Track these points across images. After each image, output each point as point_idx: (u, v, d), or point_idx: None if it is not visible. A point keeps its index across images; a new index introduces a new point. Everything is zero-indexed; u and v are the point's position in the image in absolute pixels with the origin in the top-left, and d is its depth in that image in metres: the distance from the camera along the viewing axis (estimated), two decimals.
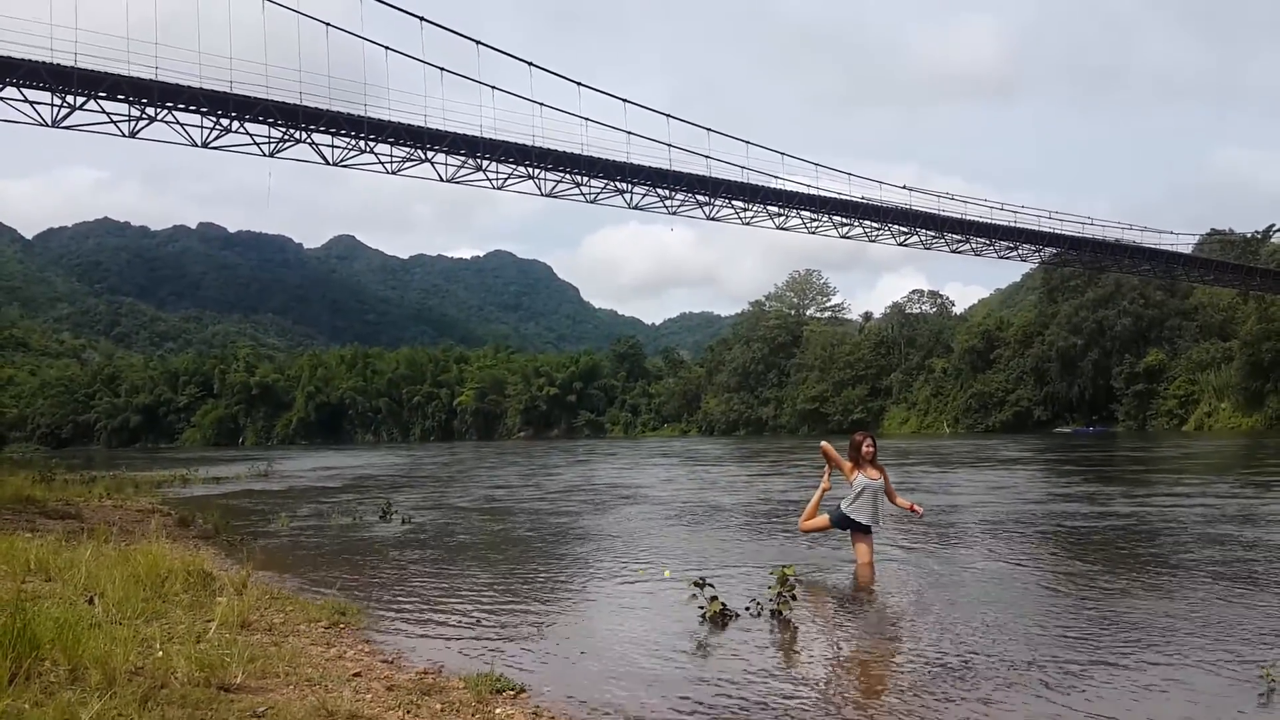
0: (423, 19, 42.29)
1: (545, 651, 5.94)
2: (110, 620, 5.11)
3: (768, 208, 54.78)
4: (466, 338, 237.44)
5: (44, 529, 10.22)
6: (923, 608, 7.03)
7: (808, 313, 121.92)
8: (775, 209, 55.00)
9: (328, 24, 41.20)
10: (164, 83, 39.11)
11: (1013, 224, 61.11)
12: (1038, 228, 61.97)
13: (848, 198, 55.43)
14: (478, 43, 44.04)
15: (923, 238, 59.69)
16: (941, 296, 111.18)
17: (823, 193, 54.67)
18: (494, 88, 45.23)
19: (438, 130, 44.46)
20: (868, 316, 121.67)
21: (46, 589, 6.05)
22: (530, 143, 46.23)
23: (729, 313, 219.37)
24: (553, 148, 46.93)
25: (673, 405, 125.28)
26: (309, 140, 43.01)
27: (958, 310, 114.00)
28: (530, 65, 45.11)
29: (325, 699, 4.14)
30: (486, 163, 46.79)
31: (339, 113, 42.51)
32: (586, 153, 47.67)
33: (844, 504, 8.65)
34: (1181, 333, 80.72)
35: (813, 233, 57.11)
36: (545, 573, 9.30)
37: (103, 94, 39.14)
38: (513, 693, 4.76)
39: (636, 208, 51.98)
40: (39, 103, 38.54)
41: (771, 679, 5.18)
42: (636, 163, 49.19)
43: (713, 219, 53.97)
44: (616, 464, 35.26)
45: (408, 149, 45.21)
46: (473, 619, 6.91)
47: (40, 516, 11.99)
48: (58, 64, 37.55)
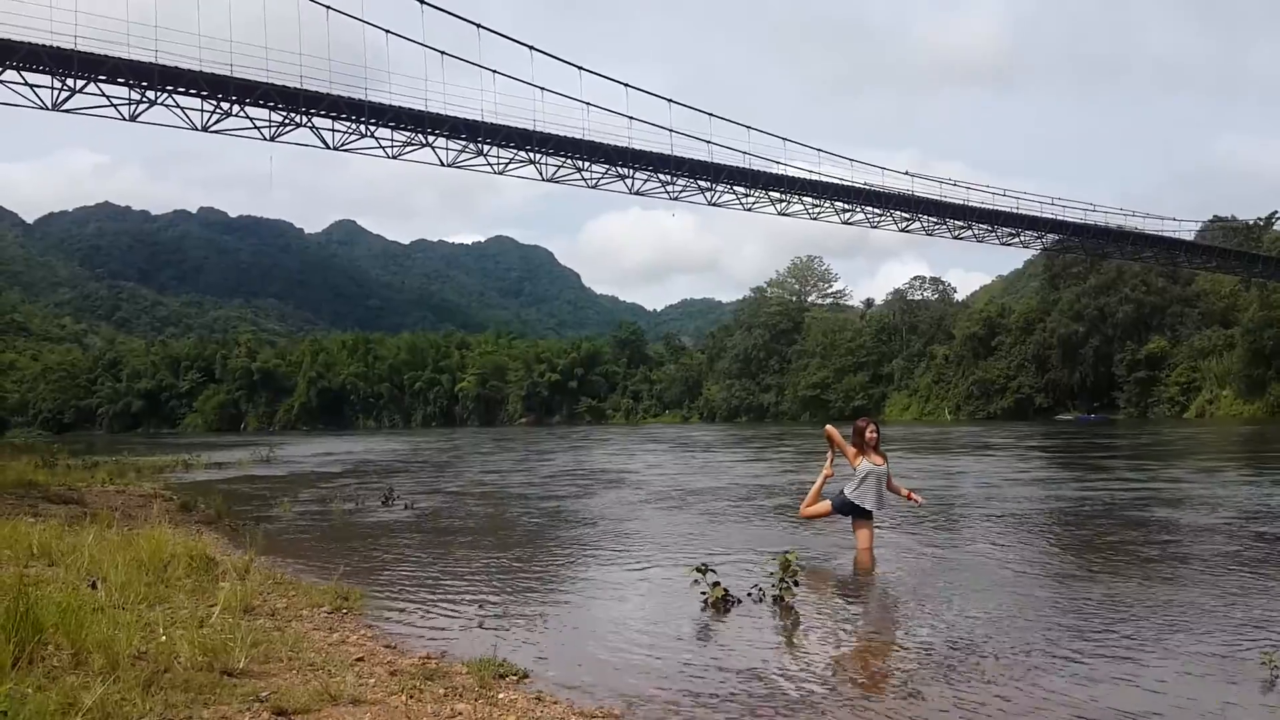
0: (424, 2, 42.09)
1: (548, 637, 5.94)
2: (113, 605, 5.11)
3: (769, 193, 54.62)
4: (468, 323, 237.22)
5: (47, 514, 10.22)
6: (924, 594, 7.03)
7: (809, 299, 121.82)
8: (777, 194, 54.84)
9: (328, 6, 40.98)
10: (164, 66, 38.95)
11: (1015, 210, 60.94)
12: (1040, 214, 61.82)
13: (849, 183, 55.30)
14: (478, 26, 43.85)
15: (924, 224, 59.55)
16: (943, 283, 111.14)
17: (824, 178, 54.54)
18: (495, 72, 45.07)
19: (439, 114, 44.31)
20: (869, 303, 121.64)
21: (49, 574, 6.05)
22: (531, 127, 46.06)
23: (730, 299, 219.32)
24: (554, 132, 46.77)
25: (674, 392, 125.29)
26: (310, 124, 42.87)
27: (959, 297, 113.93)
28: (531, 49, 44.94)
29: (328, 684, 4.14)
30: (487, 147, 46.65)
31: (339, 96, 42.35)
32: (588, 137, 47.52)
33: (848, 490, 8.64)
34: (1183, 320, 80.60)
35: (814, 218, 56.97)
36: (547, 558, 9.31)
37: (103, 77, 38.99)
38: (516, 678, 4.76)
39: (638, 193, 51.88)
40: (39, 86, 38.40)
41: (774, 664, 5.18)
42: (638, 148, 49.04)
43: (714, 205, 53.84)
44: (613, 451, 35.30)
45: (409, 133, 45.07)
46: (475, 604, 6.92)
47: (43, 501, 12.00)
48: (58, 46, 37.39)
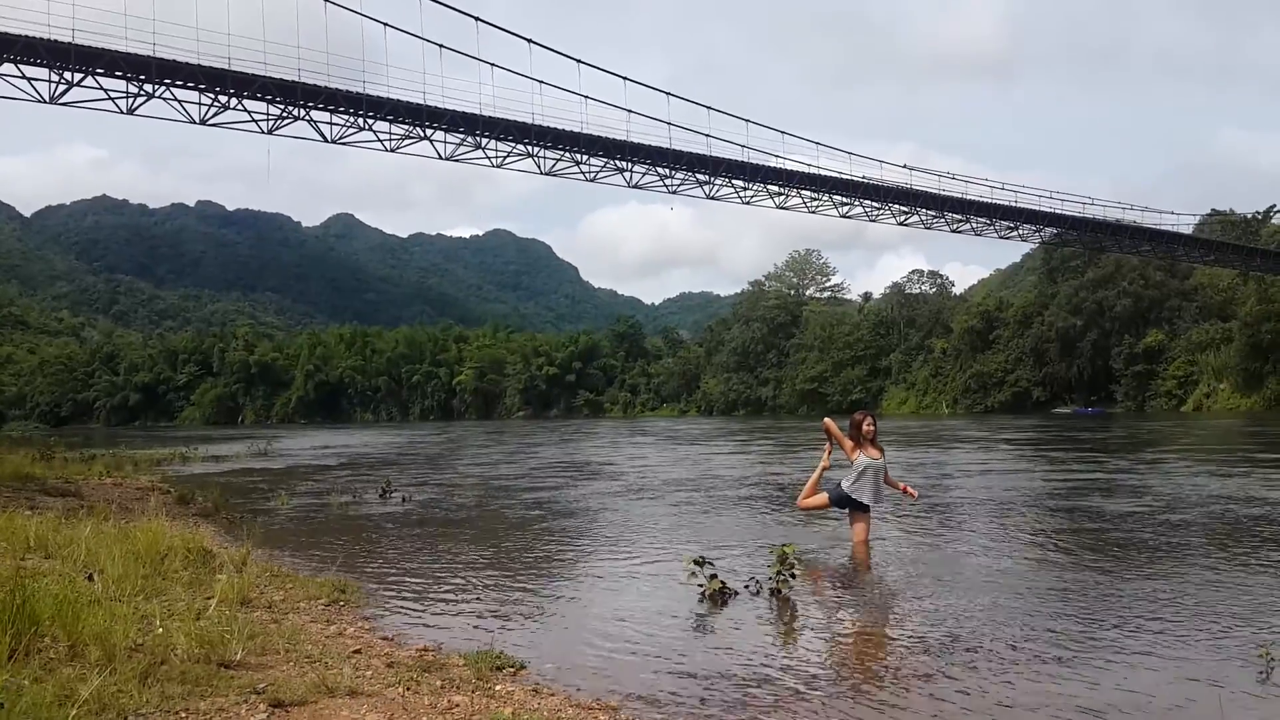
0: None
1: (544, 629, 5.95)
2: (110, 597, 5.11)
3: (768, 187, 54.59)
4: (465, 317, 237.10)
5: (43, 506, 10.21)
6: (921, 587, 7.03)
7: (807, 293, 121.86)
8: (775, 188, 54.82)
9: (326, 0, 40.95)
10: (162, 59, 38.88)
11: (1013, 204, 60.97)
12: (1038, 207, 61.85)
13: (848, 177, 55.25)
14: (477, 19, 43.74)
15: (923, 217, 59.53)
16: (941, 277, 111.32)
17: (823, 172, 54.52)
18: (493, 65, 45.00)
19: (437, 107, 44.26)
20: (867, 297, 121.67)
21: (46, 566, 6.04)
22: (530, 120, 46.00)
23: (728, 293, 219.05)
24: (552, 125, 46.72)
25: (672, 385, 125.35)
26: (307, 117, 42.84)
27: (957, 290, 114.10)
28: (530, 42, 44.90)
29: (325, 676, 4.14)
30: (486, 140, 46.60)
31: (337, 89, 42.30)
32: (586, 131, 47.46)
33: (845, 483, 8.63)
34: (1181, 313, 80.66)
35: (813, 212, 56.98)
36: (543, 550, 9.31)
37: (100, 70, 38.91)
38: (513, 670, 4.76)
39: (636, 186, 51.85)
40: (36, 79, 38.36)
41: (772, 657, 5.19)
42: (636, 141, 49.00)
43: (713, 198, 53.83)
44: (600, 444, 35.32)
45: (407, 126, 45.02)
46: (472, 596, 6.92)
47: (40, 494, 11.99)
48: (55, 40, 37.32)
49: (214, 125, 41.54)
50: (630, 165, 50.40)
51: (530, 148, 47.61)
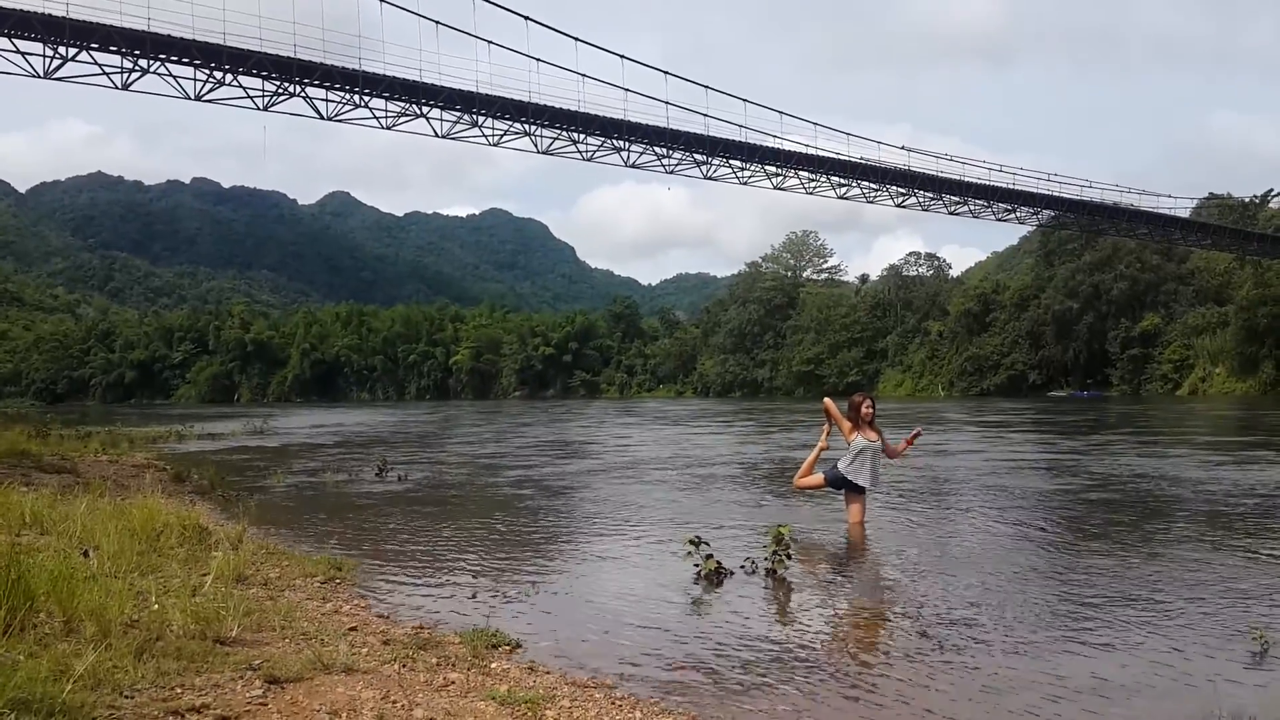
0: None
1: (540, 607, 5.95)
2: (105, 573, 5.10)
3: (765, 167, 54.46)
4: (462, 296, 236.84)
5: (39, 483, 10.21)
6: (917, 567, 7.05)
7: (804, 274, 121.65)
8: (773, 169, 54.69)
9: None
10: (156, 34, 38.62)
11: (1011, 186, 60.90)
12: (1036, 190, 61.81)
13: (846, 158, 55.15)
14: None
15: (920, 199, 59.44)
16: (938, 259, 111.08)
17: (821, 153, 54.38)
18: (490, 42, 44.76)
19: (433, 85, 44.04)
20: (864, 279, 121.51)
21: (41, 542, 6.04)
22: (527, 99, 45.80)
23: (725, 274, 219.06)
24: (549, 104, 46.52)
25: (668, 366, 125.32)
26: (303, 94, 42.61)
27: (954, 273, 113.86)
28: (527, 20, 44.67)
29: (321, 653, 4.14)
30: (482, 119, 46.40)
31: (333, 66, 42.06)
32: (583, 109, 47.27)
33: (842, 464, 8.63)
34: (1177, 297, 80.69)
35: (810, 193, 56.91)
36: (539, 529, 9.32)
37: (95, 45, 38.67)
38: (508, 648, 4.77)
39: (634, 166, 51.69)
40: (31, 53, 38.12)
41: (767, 637, 5.20)
42: (634, 120, 48.81)
43: (710, 178, 53.73)
44: (588, 423, 35.36)
45: (403, 104, 44.81)
46: (468, 574, 6.93)
47: (35, 471, 11.98)
48: (49, 13, 37.06)
49: (209, 101, 41.39)
50: (627, 144, 50.23)
51: (527, 126, 47.44)
